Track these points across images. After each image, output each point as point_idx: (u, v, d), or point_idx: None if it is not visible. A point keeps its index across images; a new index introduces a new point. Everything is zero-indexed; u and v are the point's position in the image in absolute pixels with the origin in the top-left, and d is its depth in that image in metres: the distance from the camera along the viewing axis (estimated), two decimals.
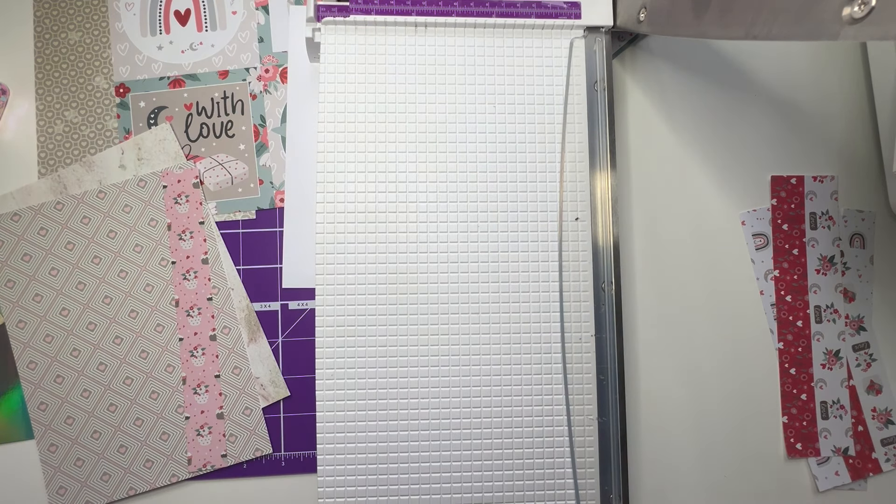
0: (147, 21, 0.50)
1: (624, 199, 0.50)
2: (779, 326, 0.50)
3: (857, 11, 0.26)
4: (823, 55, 0.53)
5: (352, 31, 0.44)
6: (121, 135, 0.49)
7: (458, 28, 0.45)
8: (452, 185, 0.44)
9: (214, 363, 0.47)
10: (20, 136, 0.49)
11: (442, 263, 0.43)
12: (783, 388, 0.50)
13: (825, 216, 0.51)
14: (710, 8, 0.36)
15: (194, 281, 0.48)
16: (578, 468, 0.42)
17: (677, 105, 0.52)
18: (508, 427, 0.42)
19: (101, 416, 0.47)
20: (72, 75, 0.49)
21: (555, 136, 0.45)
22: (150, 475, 0.46)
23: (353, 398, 0.42)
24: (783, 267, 0.50)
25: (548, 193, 0.44)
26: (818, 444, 0.49)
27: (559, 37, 0.46)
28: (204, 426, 0.47)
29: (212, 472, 0.47)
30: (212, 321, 0.48)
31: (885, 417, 0.50)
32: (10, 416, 0.47)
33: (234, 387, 0.48)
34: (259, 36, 0.50)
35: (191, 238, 0.48)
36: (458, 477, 0.41)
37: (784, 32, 0.30)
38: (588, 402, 0.43)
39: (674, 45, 0.52)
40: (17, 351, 0.47)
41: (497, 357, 0.43)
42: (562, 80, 0.45)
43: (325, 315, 0.42)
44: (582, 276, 0.44)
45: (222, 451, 0.47)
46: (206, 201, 0.49)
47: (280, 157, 0.49)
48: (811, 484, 0.49)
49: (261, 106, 0.50)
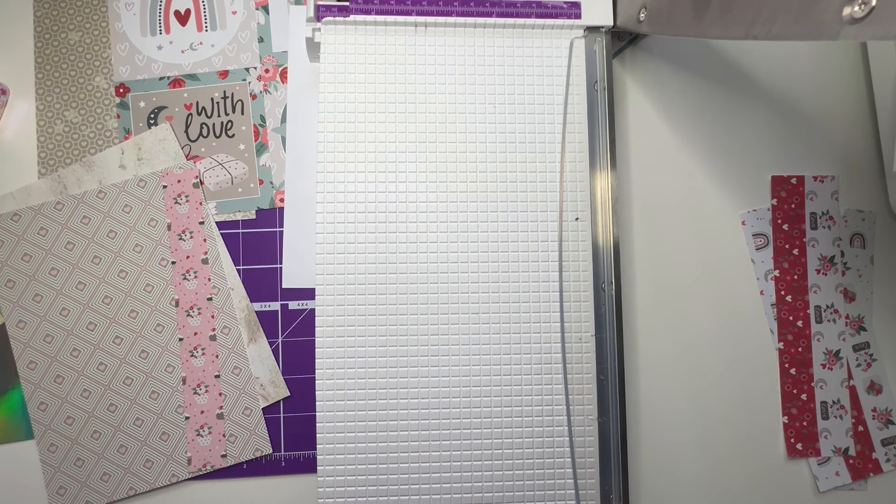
0: (147, 21, 0.50)
1: (624, 199, 0.50)
2: (779, 326, 0.50)
3: (857, 11, 0.26)
4: (823, 55, 0.53)
5: (352, 31, 0.44)
6: (121, 135, 0.49)
7: (458, 28, 0.45)
8: (452, 184, 0.44)
9: (214, 363, 0.48)
10: (20, 136, 0.49)
11: (442, 263, 0.43)
12: (783, 388, 0.50)
13: (825, 216, 0.51)
14: (710, 8, 0.36)
15: (194, 281, 0.48)
16: (578, 468, 0.42)
17: (677, 105, 0.52)
18: (508, 427, 0.42)
19: (101, 416, 0.47)
20: (72, 75, 0.49)
21: (555, 136, 0.45)
22: (150, 475, 0.46)
23: (353, 398, 0.42)
24: (783, 267, 0.50)
25: (548, 193, 0.44)
26: (818, 445, 0.49)
27: (559, 37, 0.46)
28: (204, 426, 0.47)
29: (212, 472, 0.47)
30: (212, 321, 0.48)
31: (886, 417, 0.50)
32: (10, 416, 0.47)
33: (234, 387, 0.48)
34: (259, 36, 0.50)
35: (191, 238, 0.48)
36: (458, 477, 0.41)
37: (784, 32, 0.30)
38: (588, 402, 0.43)
39: (674, 45, 0.52)
40: (17, 351, 0.47)
41: (497, 357, 0.43)
42: (562, 80, 0.45)
43: (325, 315, 0.42)
44: (582, 276, 0.44)
45: (222, 451, 0.47)
46: (206, 201, 0.49)
47: (280, 157, 0.49)
48: (811, 484, 0.49)
49: (261, 106, 0.50)
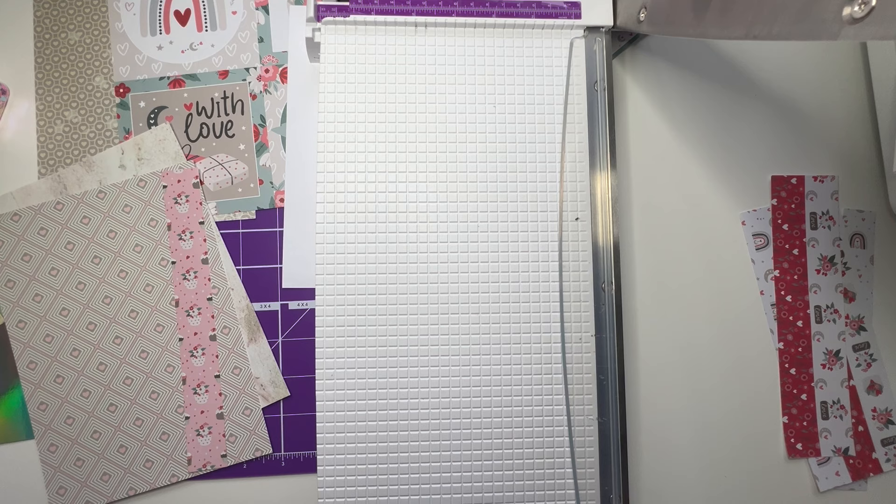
0: (147, 21, 0.50)
1: (624, 199, 0.50)
2: (779, 326, 0.50)
3: (857, 11, 0.26)
4: (823, 55, 0.53)
5: (352, 31, 0.44)
6: (121, 135, 0.49)
7: (458, 28, 0.45)
8: (452, 184, 0.44)
9: (214, 363, 0.47)
10: (20, 136, 0.49)
11: (442, 263, 0.43)
12: (783, 388, 0.50)
13: (825, 216, 0.51)
14: (710, 8, 0.36)
15: (194, 281, 0.48)
16: (578, 468, 0.42)
17: (677, 105, 0.52)
18: (508, 427, 0.42)
19: (101, 416, 0.47)
20: (72, 75, 0.49)
21: (555, 136, 0.45)
22: (150, 475, 0.46)
23: (353, 398, 0.42)
24: (783, 267, 0.50)
25: (548, 193, 0.44)
26: (818, 445, 0.49)
27: (559, 37, 0.46)
28: (203, 426, 0.47)
29: (212, 472, 0.47)
30: (212, 321, 0.48)
31: (886, 417, 0.50)
32: (10, 416, 0.47)
33: (234, 387, 0.48)
34: (259, 36, 0.50)
35: (191, 238, 0.48)
36: (458, 477, 0.41)
37: (784, 32, 0.30)
38: (588, 402, 0.43)
39: (674, 45, 0.52)
40: (17, 351, 0.47)
41: (497, 357, 0.43)
42: (562, 80, 0.45)
43: (325, 315, 0.42)
44: (582, 276, 0.44)
45: (222, 451, 0.47)
46: (206, 201, 0.49)
47: (280, 157, 0.49)
48: (812, 484, 0.49)
49: (261, 106, 0.50)
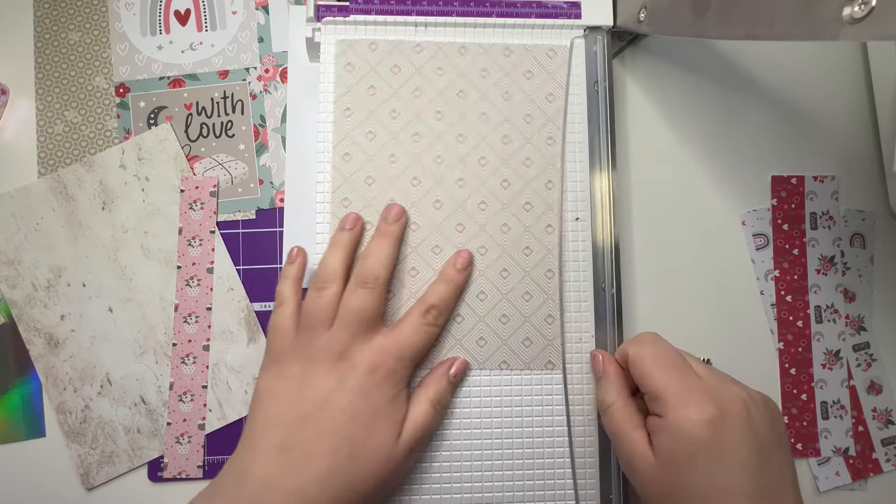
0: (147, 21, 0.50)
1: (624, 199, 0.50)
2: (779, 326, 0.50)
3: (857, 11, 0.26)
4: (823, 55, 0.53)
5: (352, 31, 0.44)
6: (121, 135, 0.49)
7: (458, 28, 0.45)
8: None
9: (204, 374, 0.47)
10: (20, 136, 0.49)
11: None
12: (783, 388, 0.50)
13: (825, 216, 0.51)
14: (710, 8, 0.36)
15: (196, 288, 0.48)
16: (578, 469, 0.42)
17: (677, 105, 0.52)
18: (508, 427, 0.42)
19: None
20: (72, 75, 0.49)
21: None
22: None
23: None
24: (783, 267, 0.50)
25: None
26: (818, 445, 0.49)
27: (559, 37, 0.46)
28: (184, 434, 0.47)
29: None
30: (207, 331, 0.48)
31: (886, 417, 0.50)
32: (11, 416, 0.47)
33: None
34: (259, 36, 0.50)
35: (199, 245, 0.48)
36: (458, 477, 0.41)
37: (784, 32, 0.30)
38: (588, 403, 0.43)
39: (674, 45, 0.52)
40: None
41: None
42: (562, 80, 0.45)
43: None
44: (582, 276, 0.44)
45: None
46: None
47: (280, 157, 0.49)
48: (812, 484, 0.49)
49: (261, 106, 0.50)
